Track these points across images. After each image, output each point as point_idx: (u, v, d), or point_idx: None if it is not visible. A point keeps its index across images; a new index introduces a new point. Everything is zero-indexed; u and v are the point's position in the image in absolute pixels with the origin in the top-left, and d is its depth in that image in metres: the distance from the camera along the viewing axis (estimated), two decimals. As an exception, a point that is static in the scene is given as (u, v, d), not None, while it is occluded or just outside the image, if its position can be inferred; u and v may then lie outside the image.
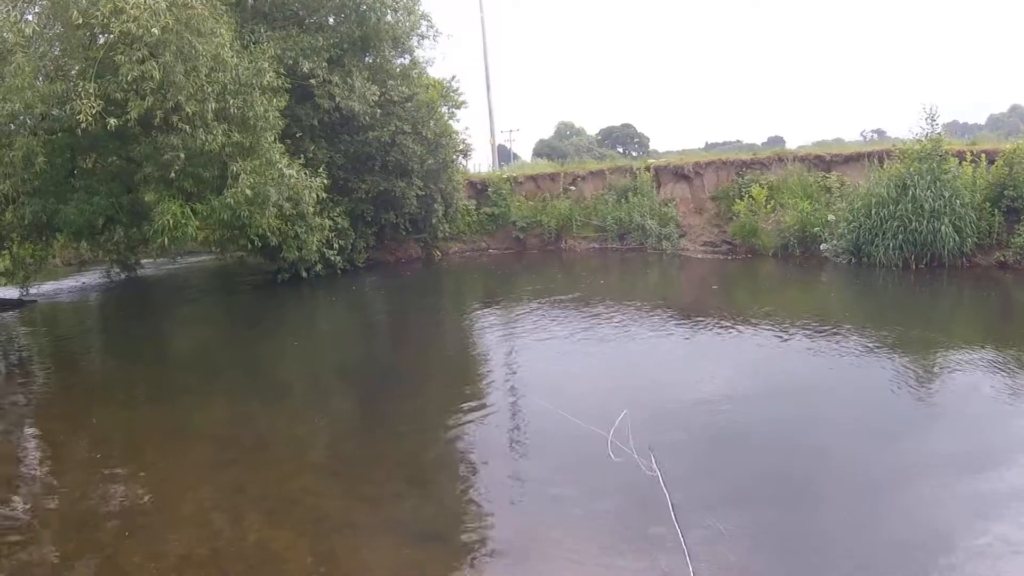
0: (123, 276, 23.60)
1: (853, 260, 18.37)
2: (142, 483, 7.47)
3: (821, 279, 18.04)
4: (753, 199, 21.87)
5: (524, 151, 74.58)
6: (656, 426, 8.11)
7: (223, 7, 14.77)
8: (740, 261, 21.03)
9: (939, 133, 18.05)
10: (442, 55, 30.89)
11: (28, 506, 7.14)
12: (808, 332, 11.97)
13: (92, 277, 24.36)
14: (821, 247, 19.71)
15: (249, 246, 18.11)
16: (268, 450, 8.33)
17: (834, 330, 11.99)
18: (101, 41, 13.67)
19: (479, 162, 38.58)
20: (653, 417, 8.44)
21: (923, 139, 17.88)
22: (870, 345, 11.01)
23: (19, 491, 7.50)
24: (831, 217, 19.73)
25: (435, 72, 25.51)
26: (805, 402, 8.98)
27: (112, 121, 12.54)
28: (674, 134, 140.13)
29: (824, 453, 7.40)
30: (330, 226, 19.54)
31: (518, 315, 14.92)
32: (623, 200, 24.77)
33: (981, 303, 15.16)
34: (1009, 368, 9.64)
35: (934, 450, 7.34)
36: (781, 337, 11.79)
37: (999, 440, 7.45)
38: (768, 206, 21.62)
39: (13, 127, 14.70)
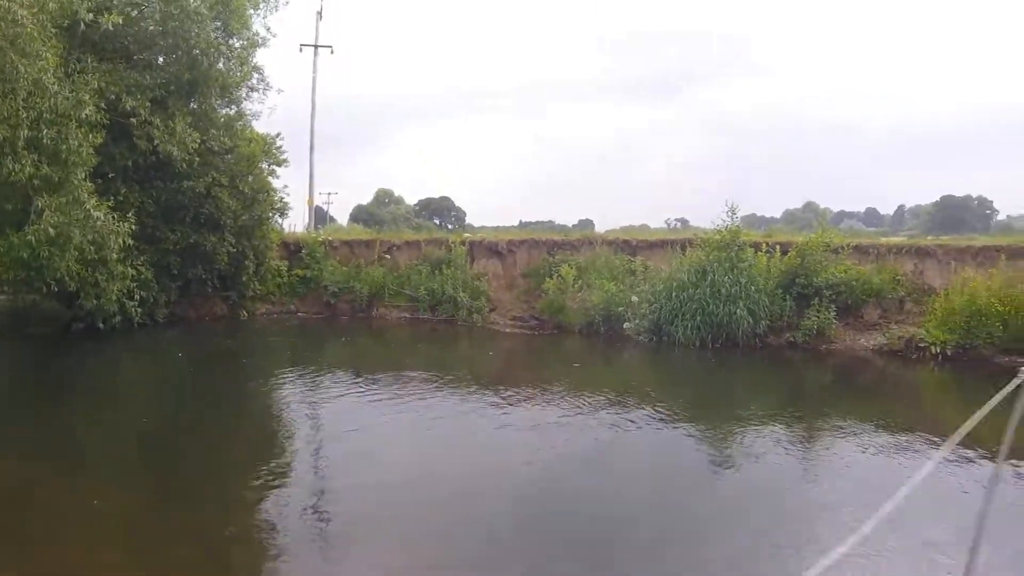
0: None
1: (654, 339, 19.50)
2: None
3: (623, 356, 19.02)
4: (562, 278, 22.79)
5: (341, 215, 73.71)
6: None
7: (53, 29, 13.69)
8: (547, 336, 21.69)
9: (737, 225, 19.89)
10: (270, 110, 30.04)
11: None
12: (602, 405, 12.50)
13: None
14: (624, 326, 20.76)
15: (45, 289, 16.51)
16: (63, 521, 7.40)
17: (626, 402, 12.71)
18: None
19: (294, 222, 37.55)
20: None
21: (723, 230, 19.58)
22: (657, 416, 11.77)
23: None
24: (634, 298, 20.89)
25: (261, 126, 24.73)
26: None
27: (-85, 137, 11.18)
28: (491, 210, 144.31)
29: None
30: (133, 275, 18.19)
31: (323, 384, 14.45)
32: (437, 272, 24.96)
33: (769, 377, 16.74)
34: (780, 430, 10.98)
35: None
36: (576, 410, 12.24)
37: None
38: (576, 285, 22.60)
39: None
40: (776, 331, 18.99)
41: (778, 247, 20.06)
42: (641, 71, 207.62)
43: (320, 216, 51.16)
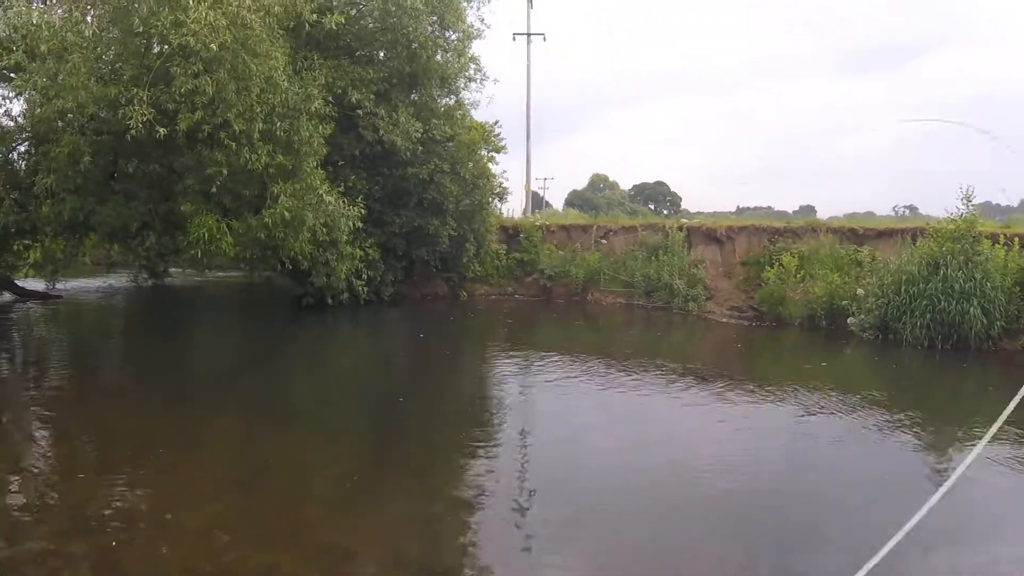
0: (150, 283, 23.82)
1: (879, 336, 18.04)
2: (148, 490, 7.41)
3: (846, 353, 17.70)
4: (784, 267, 21.68)
5: (556, 200, 75.29)
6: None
7: (280, 31, 15.03)
8: (765, 329, 20.69)
9: (973, 213, 17.89)
10: (487, 99, 31.90)
11: (30, 499, 7.11)
12: (825, 408, 11.57)
13: (119, 280, 24.59)
14: (848, 321, 19.41)
15: (279, 267, 18.22)
16: (277, 474, 8.21)
17: (857, 410, 11.67)
18: (156, 50, 13.93)
19: (512, 207, 38.87)
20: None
21: (957, 219, 17.73)
22: (892, 427, 10.69)
23: (22, 484, 7.49)
24: (860, 291, 19.46)
25: (479, 115, 25.76)
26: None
27: (161, 130, 12.69)
28: (706, 195, 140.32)
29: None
30: (361, 256, 19.62)
31: (541, 366, 14.67)
32: (653, 258, 24.60)
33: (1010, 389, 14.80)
34: None
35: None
36: (799, 411, 11.42)
37: None
38: (798, 275, 21.42)
39: (62, 124, 15.05)
40: (1011, 334, 16.87)
41: (1016, 239, 17.82)
42: (858, 43, 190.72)
43: (536, 201, 52.16)
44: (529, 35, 40.02)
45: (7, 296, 20.75)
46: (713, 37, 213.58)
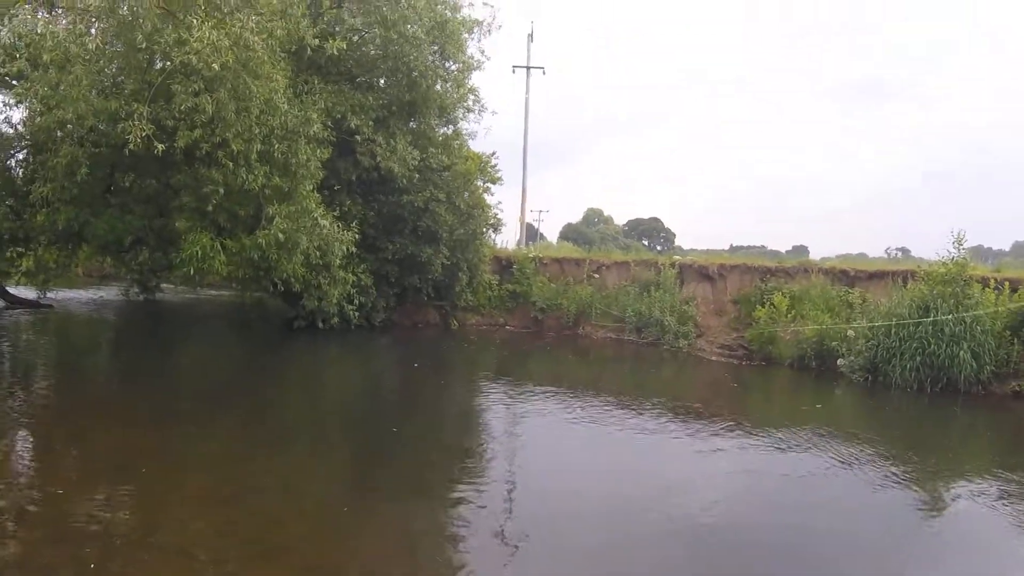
0: (141, 297, 23.82)
1: (869, 378, 17.98)
2: (132, 506, 7.38)
3: (836, 395, 17.59)
4: (775, 307, 21.73)
5: (551, 232, 75.64)
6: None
7: (282, 54, 15.17)
8: (755, 368, 20.62)
9: (964, 257, 17.99)
10: (485, 130, 32.59)
11: (10, 513, 7.03)
12: (811, 449, 11.50)
13: (110, 292, 24.60)
14: (838, 362, 19.40)
15: (271, 289, 18.22)
16: (264, 493, 8.18)
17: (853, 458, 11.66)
18: (158, 67, 14.04)
19: (507, 238, 38.98)
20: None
21: (948, 262, 17.83)
22: (881, 471, 10.66)
23: (3, 499, 7.40)
24: (850, 333, 19.45)
25: (476, 145, 25.95)
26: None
27: (159, 146, 12.74)
28: (700, 232, 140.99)
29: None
30: (353, 281, 19.64)
31: (533, 399, 14.61)
32: (645, 293, 24.65)
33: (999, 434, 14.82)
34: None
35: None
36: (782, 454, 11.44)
37: None
38: (789, 315, 21.46)
39: (61, 134, 15.12)
40: (1001, 378, 16.85)
41: (1007, 283, 17.95)
42: (845, 77, 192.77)
43: (531, 233, 52.39)
44: (529, 68, 40.36)
45: (-3, 302, 20.90)
46: (709, 51, 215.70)
